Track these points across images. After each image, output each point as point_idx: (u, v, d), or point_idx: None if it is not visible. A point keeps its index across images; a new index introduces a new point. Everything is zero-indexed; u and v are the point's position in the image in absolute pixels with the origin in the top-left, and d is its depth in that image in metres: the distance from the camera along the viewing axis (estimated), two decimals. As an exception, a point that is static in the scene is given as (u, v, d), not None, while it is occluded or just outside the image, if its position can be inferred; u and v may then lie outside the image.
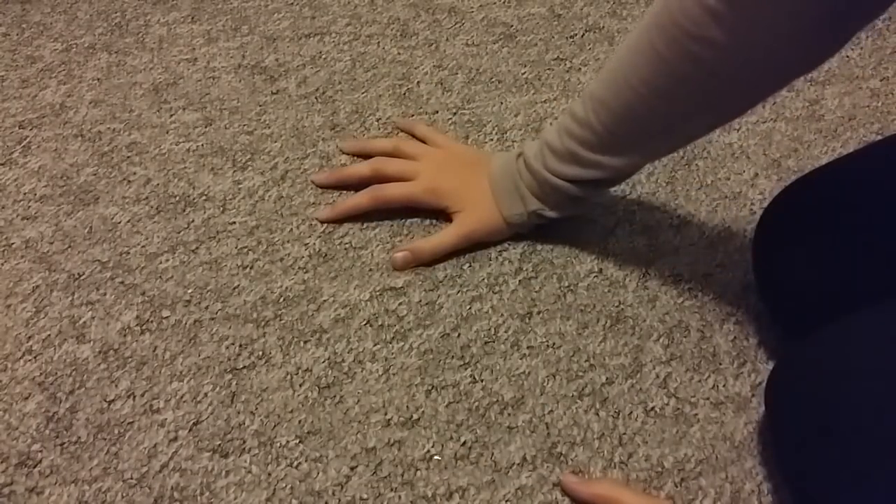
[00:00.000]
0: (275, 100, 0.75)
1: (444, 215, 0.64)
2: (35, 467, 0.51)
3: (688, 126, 0.53)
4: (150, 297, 0.59)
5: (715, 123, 0.54)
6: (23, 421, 0.53)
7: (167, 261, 0.62)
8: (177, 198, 0.66)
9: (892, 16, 0.89)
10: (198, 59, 0.78)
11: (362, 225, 0.65)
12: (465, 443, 0.53)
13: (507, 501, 0.51)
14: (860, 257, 0.53)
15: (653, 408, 0.56)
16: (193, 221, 0.64)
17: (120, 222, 0.64)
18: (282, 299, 0.60)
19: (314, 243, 0.64)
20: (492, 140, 0.73)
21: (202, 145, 0.70)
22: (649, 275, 0.63)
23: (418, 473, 0.52)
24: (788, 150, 0.74)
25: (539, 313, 0.60)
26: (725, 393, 0.57)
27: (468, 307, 0.60)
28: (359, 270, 0.62)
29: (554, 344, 0.59)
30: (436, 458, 0.52)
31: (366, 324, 0.59)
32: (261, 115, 0.73)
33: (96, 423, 0.53)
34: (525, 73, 0.79)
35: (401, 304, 0.60)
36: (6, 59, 0.77)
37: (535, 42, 0.83)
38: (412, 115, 0.74)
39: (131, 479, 0.50)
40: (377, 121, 0.73)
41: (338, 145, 0.71)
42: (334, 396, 0.55)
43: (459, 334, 0.59)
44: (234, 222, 0.65)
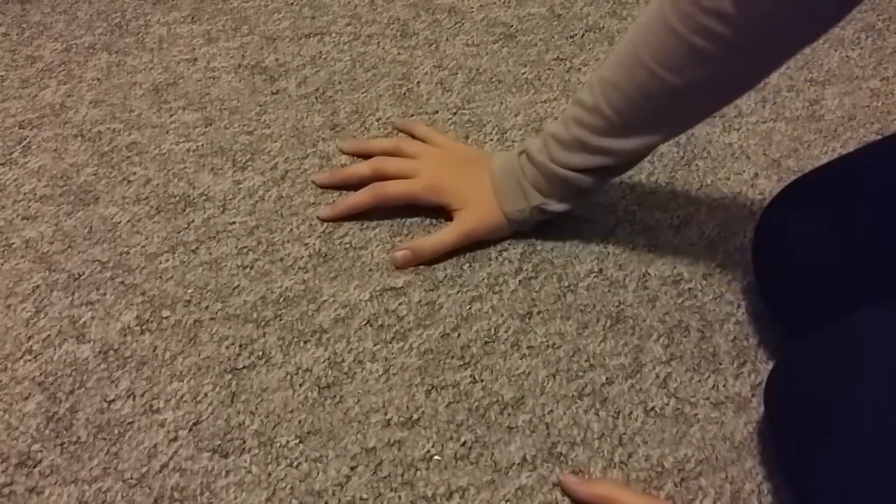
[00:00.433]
0: (275, 100, 0.75)
1: (445, 213, 0.64)
2: (35, 467, 0.51)
3: (697, 103, 0.54)
4: (150, 297, 0.59)
5: (724, 99, 0.55)
6: (23, 421, 0.53)
7: (167, 261, 0.62)
8: (177, 198, 0.66)
9: (892, 16, 0.89)
10: (198, 59, 0.78)
11: (362, 225, 0.65)
12: (465, 443, 0.53)
13: (507, 501, 0.51)
14: (860, 257, 0.53)
15: (653, 408, 0.56)
16: (193, 221, 0.64)
17: (120, 222, 0.64)
18: (282, 299, 0.60)
19: (314, 243, 0.64)
20: (492, 140, 0.73)
21: (202, 145, 0.70)
22: (649, 275, 0.63)
23: (418, 473, 0.52)
24: (788, 150, 0.74)
25: (539, 313, 0.60)
26: (725, 393, 0.57)
27: (468, 307, 0.60)
28: (359, 270, 0.62)
29: (554, 344, 0.59)
30: (436, 458, 0.52)
31: (366, 324, 0.59)
32: (261, 115, 0.73)
33: (96, 423, 0.53)
34: (525, 73, 0.79)
35: (401, 304, 0.60)
36: (6, 59, 0.77)
37: (535, 42, 0.83)
38: (412, 115, 0.74)
39: (131, 479, 0.50)
40: (377, 121, 0.73)
41: (338, 145, 0.71)
42: (334, 396, 0.55)
43: (459, 334, 0.59)
44: (234, 222, 0.65)
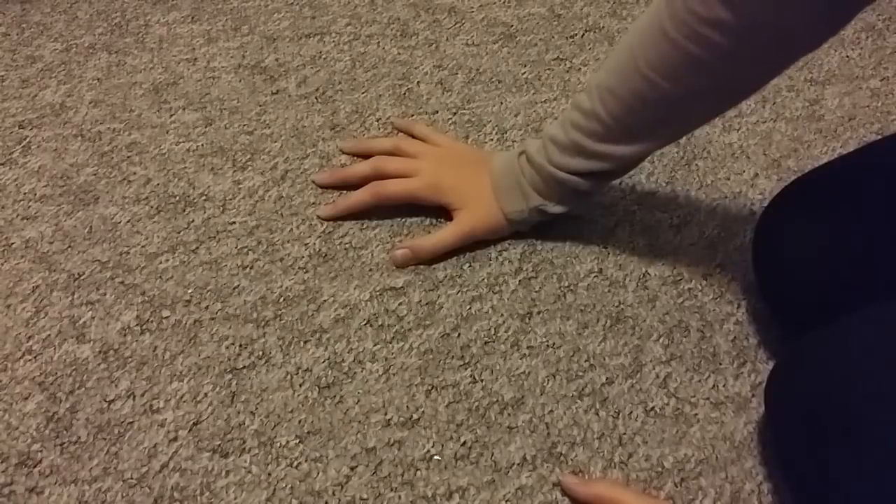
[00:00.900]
0: (275, 100, 0.75)
1: (445, 213, 0.64)
2: (35, 467, 0.51)
3: (694, 111, 0.53)
4: (150, 297, 0.59)
5: (721, 107, 0.55)
6: (23, 421, 0.53)
7: (167, 261, 0.62)
8: (177, 198, 0.66)
9: (892, 16, 0.89)
10: (198, 59, 0.78)
11: (362, 225, 0.65)
12: (465, 443, 0.53)
13: (507, 501, 0.51)
14: (860, 257, 0.53)
15: (653, 408, 0.56)
16: (193, 221, 0.64)
17: (120, 222, 0.64)
18: (282, 299, 0.60)
19: (314, 243, 0.64)
20: (492, 140, 0.73)
21: (202, 145, 0.70)
22: (649, 275, 0.63)
23: (418, 473, 0.52)
24: (788, 150, 0.74)
25: (539, 313, 0.60)
26: (725, 393, 0.57)
27: (468, 307, 0.60)
28: (359, 270, 0.62)
29: (554, 344, 0.59)
30: (436, 458, 0.52)
31: (366, 324, 0.59)
32: (261, 115, 0.73)
33: (96, 423, 0.53)
34: (525, 73, 0.79)
35: (401, 304, 0.60)
36: (6, 59, 0.77)
37: (535, 42, 0.83)
38: (412, 115, 0.74)
39: (131, 479, 0.50)
40: (377, 121, 0.73)
41: (338, 145, 0.71)
42: (334, 396, 0.55)
43: (459, 334, 0.59)
44: (234, 222, 0.65)
